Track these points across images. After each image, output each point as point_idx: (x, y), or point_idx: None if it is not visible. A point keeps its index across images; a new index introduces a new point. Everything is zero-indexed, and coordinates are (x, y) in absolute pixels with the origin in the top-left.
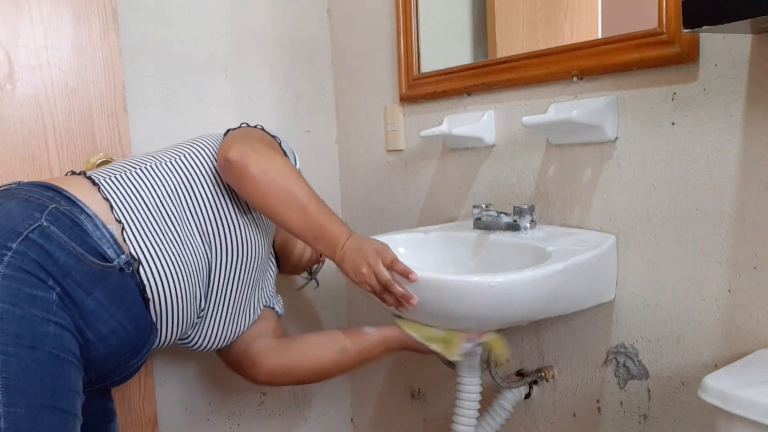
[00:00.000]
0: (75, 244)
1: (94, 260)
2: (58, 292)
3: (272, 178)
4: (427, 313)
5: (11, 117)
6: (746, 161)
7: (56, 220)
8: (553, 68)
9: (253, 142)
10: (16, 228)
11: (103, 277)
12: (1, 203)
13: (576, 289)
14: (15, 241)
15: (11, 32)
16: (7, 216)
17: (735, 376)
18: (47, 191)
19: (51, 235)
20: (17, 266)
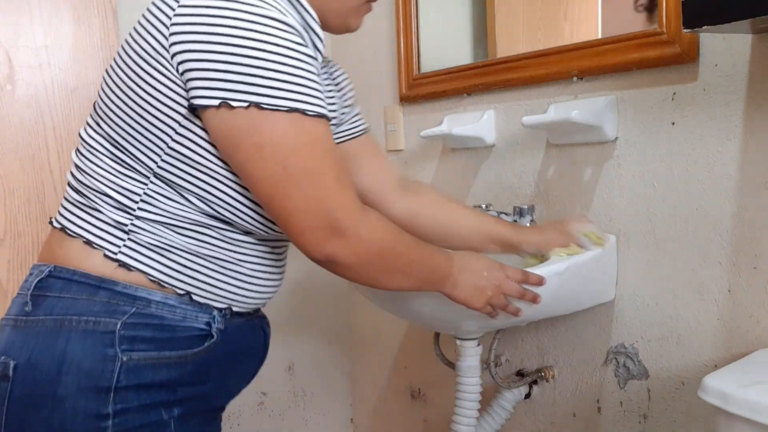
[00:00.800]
0: (171, 352)
1: (195, 351)
2: (176, 416)
3: (369, 261)
4: (427, 314)
5: (11, 117)
6: (746, 161)
7: (132, 341)
8: (553, 68)
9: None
10: (98, 384)
11: (213, 353)
12: (56, 345)
13: (576, 289)
14: (108, 404)
15: (11, 32)
16: (78, 370)
17: (735, 376)
18: (96, 293)
19: (139, 365)
20: (125, 430)
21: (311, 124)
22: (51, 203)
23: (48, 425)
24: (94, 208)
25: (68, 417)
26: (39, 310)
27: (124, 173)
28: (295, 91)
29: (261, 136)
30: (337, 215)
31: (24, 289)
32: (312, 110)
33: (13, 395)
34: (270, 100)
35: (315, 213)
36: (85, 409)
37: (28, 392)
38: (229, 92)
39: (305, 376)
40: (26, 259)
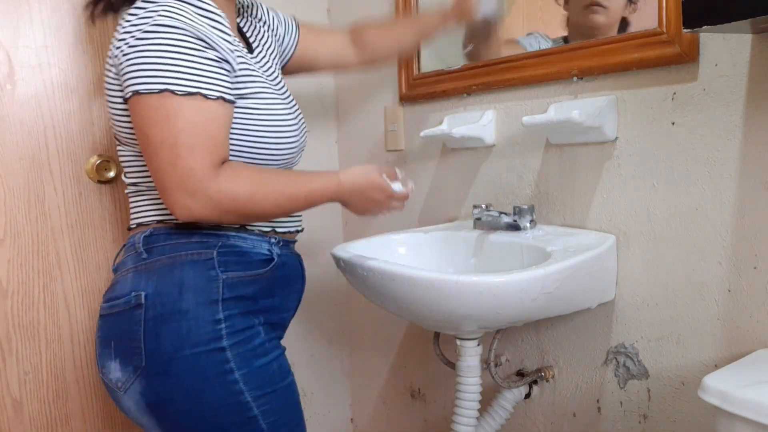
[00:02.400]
0: (250, 271)
1: (265, 270)
2: (262, 322)
3: (226, 211)
4: (426, 313)
5: (11, 117)
6: (746, 161)
7: (226, 264)
8: (553, 68)
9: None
10: (210, 297)
11: (274, 273)
12: (173, 274)
13: (576, 289)
14: (219, 311)
15: (11, 32)
16: (194, 288)
17: (735, 376)
18: (191, 236)
19: (234, 281)
20: (234, 331)
21: (176, 101)
22: (51, 203)
23: (179, 332)
24: (150, 197)
25: (193, 324)
26: (153, 255)
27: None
28: (167, 75)
29: (138, 113)
30: (186, 179)
31: (131, 249)
32: (180, 89)
33: (148, 317)
34: (145, 87)
35: (168, 176)
36: (204, 316)
37: (159, 312)
38: (126, 88)
39: (305, 376)
40: (26, 259)
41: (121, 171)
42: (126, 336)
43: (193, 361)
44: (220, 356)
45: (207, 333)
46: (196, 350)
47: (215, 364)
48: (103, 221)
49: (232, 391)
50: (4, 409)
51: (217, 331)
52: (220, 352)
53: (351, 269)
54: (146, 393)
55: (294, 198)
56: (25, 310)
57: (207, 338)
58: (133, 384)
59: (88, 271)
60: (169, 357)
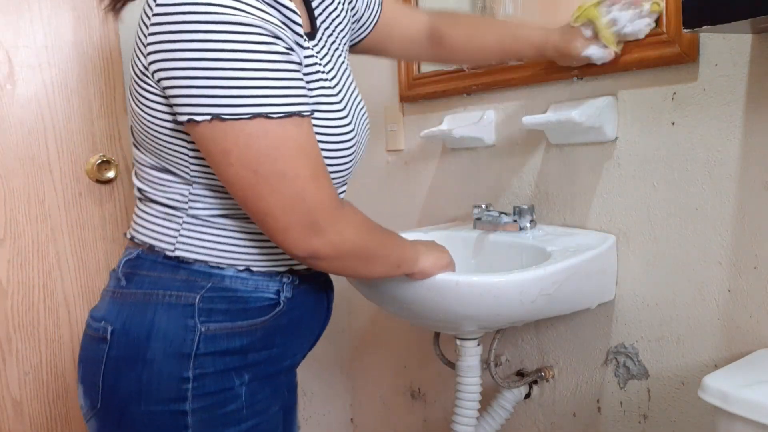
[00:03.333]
0: (242, 321)
1: (264, 319)
2: (246, 381)
3: (348, 255)
4: (426, 313)
5: (11, 117)
6: (746, 161)
7: (209, 313)
8: (553, 68)
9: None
10: (181, 350)
11: (277, 321)
12: (144, 315)
13: (576, 289)
14: (189, 369)
15: (11, 32)
16: (164, 338)
17: (735, 376)
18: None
19: (216, 335)
20: (203, 393)
21: (277, 126)
22: (51, 203)
23: (138, 383)
24: (150, 213)
25: (155, 377)
26: (130, 285)
27: (171, 180)
28: (257, 95)
29: (226, 142)
30: (316, 214)
31: (118, 267)
32: (277, 112)
33: (110, 355)
34: (230, 110)
35: (293, 212)
36: (170, 371)
37: (122, 354)
38: (193, 107)
39: (305, 376)
40: (26, 259)
41: (120, 173)
42: (90, 366)
43: (148, 419)
44: (179, 421)
45: (169, 391)
46: (153, 408)
47: (172, 428)
48: (103, 221)
49: None
50: (4, 409)
51: (182, 391)
52: (180, 415)
53: None
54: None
55: (391, 251)
56: (25, 310)
57: (168, 397)
58: (91, 419)
59: (88, 271)
60: (123, 408)
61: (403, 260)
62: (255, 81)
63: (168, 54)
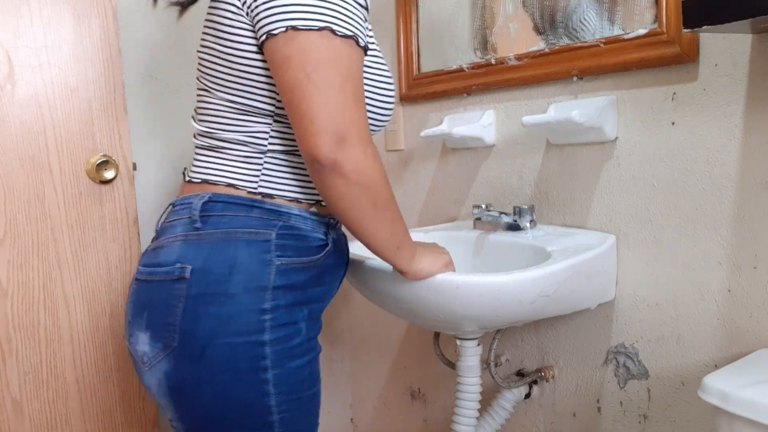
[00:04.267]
0: (305, 257)
1: (318, 257)
2: (305, 317)
3: (365, 184)
4: (426, 313)
5: (11, 117)
6: (746, 161)
7: (283, 248)
8: (553, 68)
9: (346, 113)
10: (260, 283)
11: (327, 260)
12: (226, 252)
13: (576, 289)
14: (266, 300)
15: (11, 32)
16: (246, 272)
17: (735, 376)
18: (251, 210)
19: (288, 268)
20: (277, 324)
21: (339, 43)
22: (51, 203)
23: (219, 317)
24: (227, 157)
25: (236, 310)
26: (207, 226)
27: (251, 120)
28: (327, 13)
29: (291, 48)
30: (349, 130)
31: (185, 213)
32: (341, 30)
33: (190, 294)
34: (304, 22)
35: (331, 119)
36: (250, 304)
37: (203, 291)
38: (271, 24)
39: None
40: (26, 259)
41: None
42: (162, 309)
43: (229, 352)
44: (258, 351)
45: (250, 323)
46: (234, 340)
47: (251, 358)
48: (103, 221)
49: (260, 392)
50: (4, 409)
51: (261, 322)
52: (259, 346)
53: (351, 269)
54: (171, 375)
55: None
56: (25, 310)
57: (249, 328)
58: (160, 362)
59: (88, 271)
60: (205, 342)
61: (403, 244)
62: (327, 2)
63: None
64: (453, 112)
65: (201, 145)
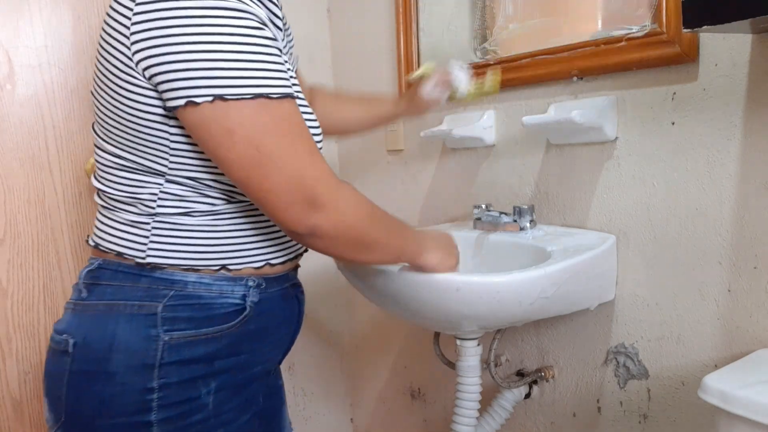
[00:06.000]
0: (206, 329)
1: (230, 325)
2: (213, 390)
3: (348, 232)
4: (426, 313)
5: (11, 117)
6: (746, 161)
7: (172, 321)
8: (553, 68)
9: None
10: (144, 361)
11: (245, 327)
12: (106, 327)
13: (576, 289)
14: (153, 379)
15: (11, 32)
16: (126, 349)
17: (735, 376)
18: (138, 280)
19: (179, 343)
20: (168, 404)
21: (277, 106)
22: (51, 203)
23: (101, 396)
24: (116, 220)
25: (118, 390)
26: (92, 296)
27: (138, 179)
28: (257, 77)
29: (229, 121)
30: (315, 189)
31: (79, 279)
32: (276, 92)
33: (72, 369)
34: (233, 90)
35: (294, 189)
36: (132, 383)
37: (84, 368)
38: (192, 89)
39: (305, 376)
40: (26, 259)
41: None
42: (54, 380)
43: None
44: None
45: (133, 403)
46: (117, 421)
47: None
48: None
49: None
50: (4, 409)
51: (147, 402)
52: (144, 426)
53: (351, 269)
54: None
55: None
56: (25, 310)
57: (132, 409)
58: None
59: None
60: (87, 422)
61: (403, 252)
62: (253, 63)
63: (160, 40)
64: (453, 112)
65: (98, 203)
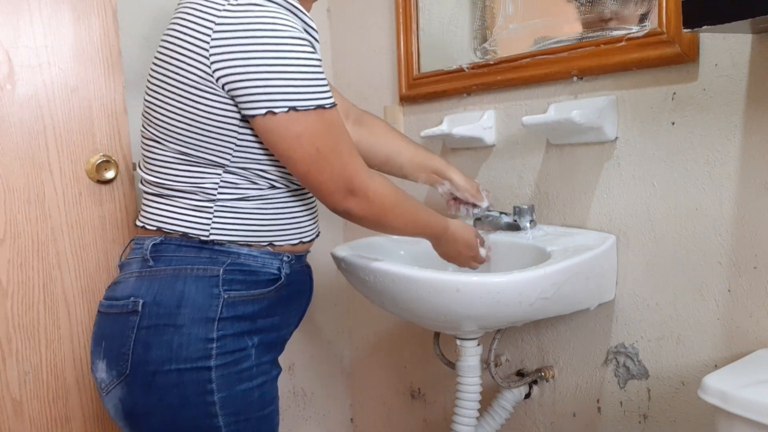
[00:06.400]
0: (254, 290)
1: (269, 290)
2: (255, 344)
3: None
4: (426, 313)
5: (11, 117)
6: (746, 161)
7: (230, 283)
8: (553, 68)
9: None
10: (207, 315)
11: (279, 293)
12: (175, 287)
13: (576, 289)
14: (214, 330)
15: (11, 32)
16: (193, 305)
17: (735, 376)
18: (200, 251)
19: (236, 300)
20: (224, 352)
21: (330, 114)
22: (51, 203)
23: (169, 346)
24: (182, 205)
25: (185, 340)
26: (159, 263)
27: (201, 171)
28: (316, 91)
29: (299, 127)
30: (353, 181)
31: (139, 253)
32: (328, 103)
33: (141, 325)
34: (302, 103)
35: (338, 179)
36: (197, 334)
37: (153, 323)
38: (272, 102)
39: (305, 376)
40: (26, 259)
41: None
42: (117, 339)
43: (177, 378)
44: (205, 375)
45: (197, 351)
46: (182, 366)
47: (198, 383)
48: (103, 221)
49: (207, 413)
50: (4, 409)
51: (208, 350)
52: (205, 371)
53: (351, 269)
54: (125, 401)
55: (416, 222)
56: (25, 310)
57: (196, 356)
58: (115, 388)
59: (88, 271)
60: (154, 369)
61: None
62: (313, 80)
63: (241, 61)
64: (453, 112)
65: (151, 192)
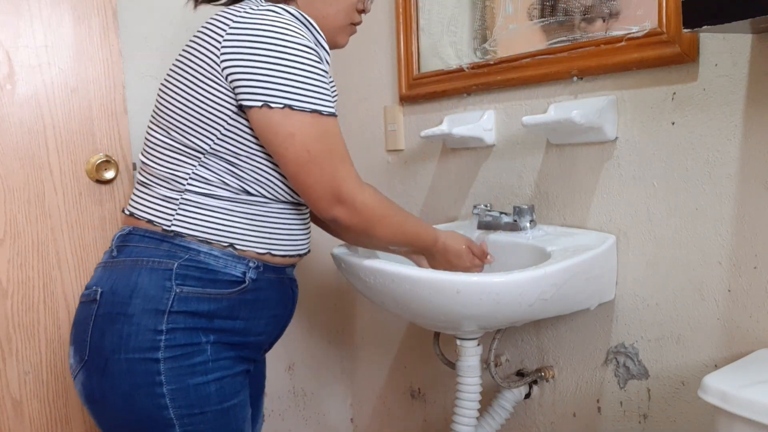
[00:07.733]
0: (210, 289)
1: (229, 291)
2: (212, 341)
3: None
4: (426, 313)
5: (11, 117)
6: (746, 161)
7: (183, 278)
8: (553, 68)
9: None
10: (158, 307)
11: (243, 296)
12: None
13: (576, 289)
14: (163, 323)
15: (11, 32)
16: (144, 295)
17: (735, 376)
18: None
19: (188, 297)
20: (173, 345)
21: (326, 121)
22: (51, 203)
23: (119, 335)
24: (151, 193)
25: (134, 330)
26: (121, 255)
27: (178, 160)
28: (315, 97)
29: (293, 126)
30: (341, 189)
31: (112, 243)
32: (326, 110)
33: (98, 313)
34: (299, 103)
35: (326, 185)
36: (146, 324)
37: (108, 311)
38: (269, 96)
39: (305, 376)
40: (26, 259)
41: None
42: (81, 327)
43: (127, 366)
44: (153, 367)
45: (145, 341)
46: (131, 356)
47: (147, 373)
48: (103, 221)
49: (157, 405)
50: (4, 409)
51: (156, 341)
52: (153, 362)
53: (351, 269)
54: (85, 385)
55: (405, 234)
56: (25, 310)
57: (144, 346)
58: (79, 373)
59: (88, 271)
60: (107, 357)
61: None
62: (313, 86)
63: (247, 55)
64: (453, 112)
65: (137, 179)
